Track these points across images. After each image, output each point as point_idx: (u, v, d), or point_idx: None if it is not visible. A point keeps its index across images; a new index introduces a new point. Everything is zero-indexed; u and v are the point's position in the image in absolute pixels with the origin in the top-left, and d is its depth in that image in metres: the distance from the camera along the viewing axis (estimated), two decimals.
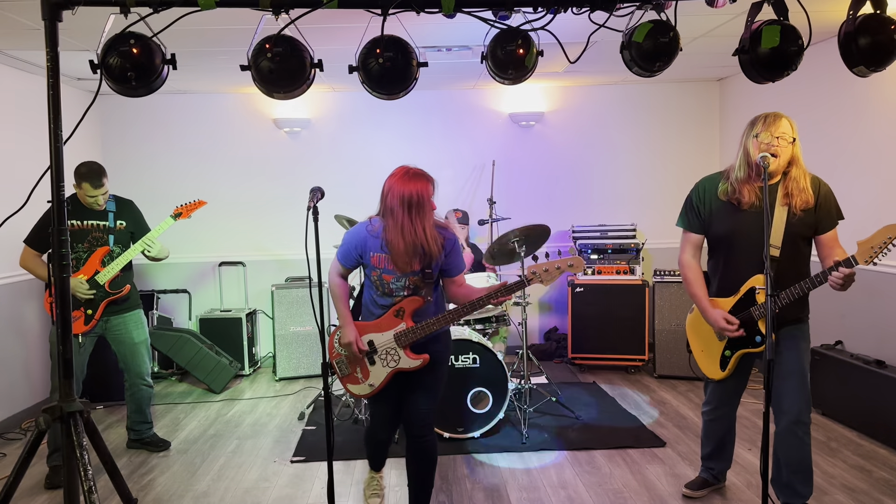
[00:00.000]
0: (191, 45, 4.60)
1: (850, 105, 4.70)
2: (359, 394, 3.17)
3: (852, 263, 2.79)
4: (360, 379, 3.11)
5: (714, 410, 3.42)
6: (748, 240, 3.04)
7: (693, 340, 3.38)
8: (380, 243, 2.97)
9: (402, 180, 2.93)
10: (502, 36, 2.61)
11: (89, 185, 3.92)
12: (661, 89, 6.65)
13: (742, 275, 3.10)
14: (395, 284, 3.00)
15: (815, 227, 3.03)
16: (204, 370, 5.70)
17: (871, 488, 3.58)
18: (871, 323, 4.53)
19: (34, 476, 3.88)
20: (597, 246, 6.05)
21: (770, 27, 2.53)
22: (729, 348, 3.20)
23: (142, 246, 4.05)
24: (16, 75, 5.13)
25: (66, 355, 2.15)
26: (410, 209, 2.88)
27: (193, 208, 4.32)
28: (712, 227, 3.19)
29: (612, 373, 5.96)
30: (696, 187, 3.26)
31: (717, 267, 3.25)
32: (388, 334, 3.04)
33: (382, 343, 3.05)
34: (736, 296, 3.12)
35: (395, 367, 3.05)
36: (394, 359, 3.05)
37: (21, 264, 3.97)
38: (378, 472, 3.60)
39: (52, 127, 2.11)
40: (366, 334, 3.07)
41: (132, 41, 2.38)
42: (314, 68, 2.58)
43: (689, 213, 3.26)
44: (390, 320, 3.04)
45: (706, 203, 3.18)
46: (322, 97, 6.52)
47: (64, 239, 2.15)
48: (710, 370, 3.29)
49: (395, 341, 3.03)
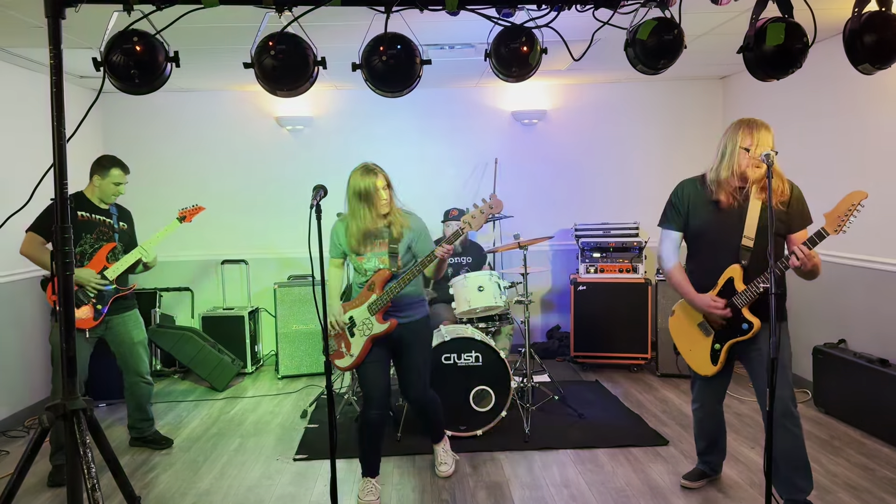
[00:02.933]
0: (194, 43, 4.60)
1: (854, 102, 4.69)
2: (344, 366, 3.53)
3: (823, 235, 2.86)
4: (344, 352, 3.52)
5: (703, 408, 3.51)
6: (723, 234, 3.19)
7: (679, 341, 3.47)
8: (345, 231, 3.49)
9: (356, 176, 3.45)
10: (506, 33, 2.60)
11: (120, 171, 4.12)
12: (663, 87, 6.64)
13: (719, 267, 3.20)
14: (368, 265, 3.47)
15: (788, 226, 3.13)
16: (206, 368, 5.71)
17: (874, 487, 3.57)
18: (875, 321, 4.52)
19: (37, 474, 3.88)
20: (599, 244, 6.04)
21: (775, 25, 2.53)
22: (718, 342, 3.28)
23: (139, 252, 4.12)
24: (18, 73, 5.13)
25: (70, 353, 2.14)
26: (361, 199, 3.38)
27: (195, 213, 4.40)
28: (690, 225, 3.30)
29: (615, 371, 5.95)
30: (675, 188, 3.40)
31: (695, 264, 3.36)
32: (363, 307, 3.47)
33: (359, 316, 3.48)
34: (715, 288, 3.21)
35: (370, 333, 3.45)
36: (368, 327, 3.46)
37: (23, 251, 3.93)
38: (373, 478, 3.58)
39: (56, 125, 2.10)
40: (347, 312, 3.52)
41: (135, 38, 2.38)
42: (317, 66, 2.57)
43: (668, 212, 3.38)
44: (364, 295, 3.48)
45: (684, 202, 3.31)
46: (324, 95, 6.51)
47: (67, 237, 2.15)
48: (701, 367, 3.36)
49: (367, 311, 3.45)
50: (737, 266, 3.14)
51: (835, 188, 4.78)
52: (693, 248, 3.38)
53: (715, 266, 3.22)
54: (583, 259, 6.04)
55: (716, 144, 3.23)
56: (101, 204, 4.10)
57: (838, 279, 4.77)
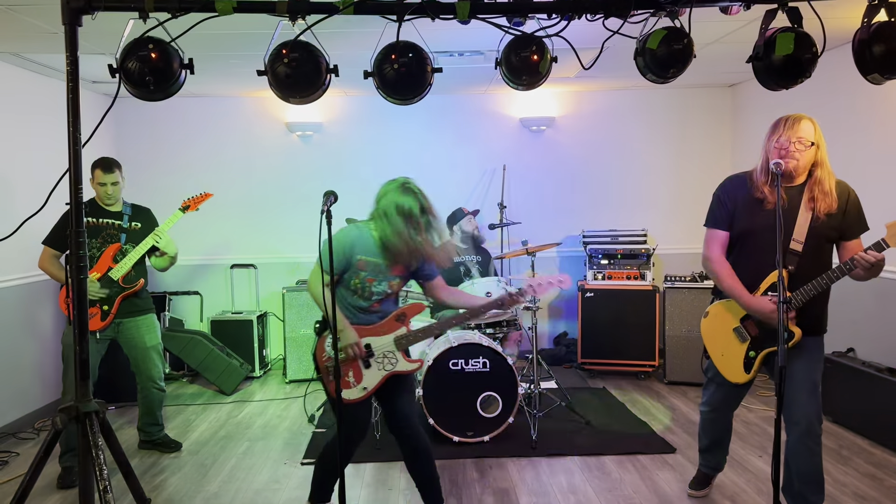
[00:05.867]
0: (207, 50, 4.64)
1: (862, 112, 4.69)
2: (349, 398, 3.07)
3: (883, 247, 2.78)
4: (353, 383, 3.09)
5: (713, 412, 3.42)
6: (770, 237, 2.97)
7: (711, 345, 3.30)
8: (372, 246, 3.03)
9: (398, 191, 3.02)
10: (517, 42, 2.62)
11: (100, 171, 4.04)
12: (672, 95, 6.64)
13: (762, 272, 3.06)
14: (377, 288, 3.06)
15: (841, 233, 3.02)
16: (215, 372, 5.74)
17: (883, 497, 3.56)
18: (884, 330, 4.50)
19: (47, 476, 3.90)
20: (607, 251, 6.04)
21: (784, 34, 2.54)
22: (753, 349, 3.14)
23: (152, 239, 4.08)
24: (33, 79, 5.19)
25: (83, 356, 2.17)
26: (406, 218, 2.96)
27: (201, 200, 4.35)
28: (735, 224, 3.15)
29: (622, 378, 5.95)
30: (723, 184, 3.25)
31: (737, 264, 3.19)
32: (388, 338, 3.10)
33: (380, 346, 3.09)
34: (757, 292, 3.09)
35: (392, 370, 3.10)
36: (391, 362, 3.10)
37: (40, 265, 4.03)
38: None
39: (72, 130, 2.14)
40: (363, 338, 3.07)
41: (151, 46, 2.41)
42: (330, 73, 2.59)
43: (716, 210, 3.22)
44: (391, 324, 3.11)
45: (732, 199, 3.16)
46: (334, 101, 6.55)
47: (82, 241, 2.18)
48: (733, 374, 3.21)
49: (394, 344, 3.09)
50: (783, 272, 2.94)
51: None
52: (736, 249, 3.18)
53: (758, 269, 3.07)
54: (590, 266, 6.04)
55: (727, 151, 3.20)
56: (109, 207, 4.13)
57: (847, 288, 4.71)
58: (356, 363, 3.08)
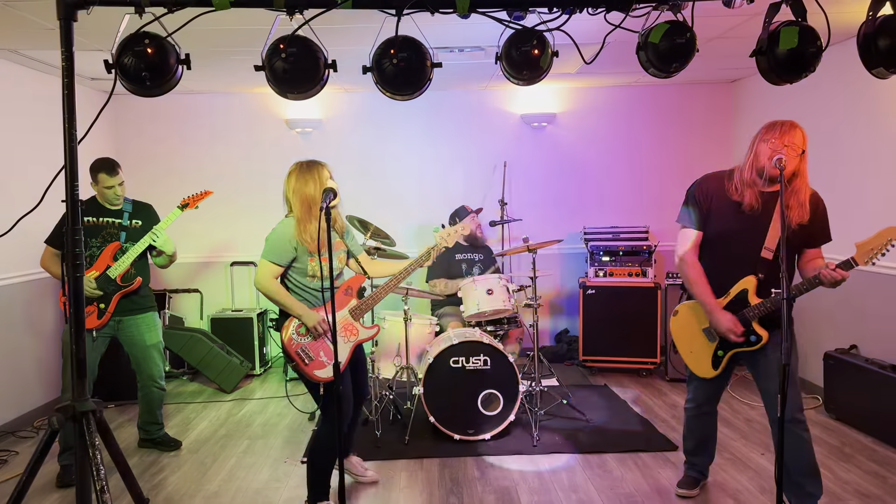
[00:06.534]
0: (204, 45, 4.61)
1: (867, 106, 4.66)
2: (327, 376, 3.19)
3: (851, 265, 2.84)
4: (326, 361, 3.21)
5: (699, 407, 3.46)
6: (743, 241, 3.08)
7: (679, 342, 3.40)
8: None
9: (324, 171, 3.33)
10: (517, 36, 2.59)
11: (105, 175, 4.00)
12: (673, 91, 6.61)
13: (733, 275, 3.12)
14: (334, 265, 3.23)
15: (807, 241, 3.07)
16: (215, 370, 5.72)
17: (886, 494, 3.54)
18: (887, 327, 4.48)
19: (45, 475, 3.89)
20: (609, 248, 6.02)
21: (788, 28, 2.50)
22: (721, 348, 3.22)
23: (150, 237, 4.06)
24: (30, 75, 5.16)
25: (80, 355, 2.15)
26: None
27: (200, 198, 4.33)
28: (709, 226, 3.18)
29: (624, 375, 5.93)
30: (698, 183, 3.25)
31: (708, 266, 3.21)
32: (343, 312, 3.31)
33: (339, 320, 3.26)
34: (727, 297, 3.14)
35: (356, 339, 3.33)
36: (353, 333, 3.32)
37: (41, 264, 4.02)
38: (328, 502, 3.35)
39: (67, 127, 2.11)
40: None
41: (147, 41, 2.37)
42: (328, 69, 2.56)
43: (691, 209, 3.23)
44: (341, 299, 3.30)
45: (707, 200, 3.18)
46: (334, 97, 6.52)
47: (78, 238, 2.16)
48: (701, 370, 3.31)
49: (350, 316, 3.32)
50: (752, 278, 3.05)
51: (846, 192, 4.77)
52: (709, 251, 3.21)
53: (728, 273, 3.12)
54: (592, 263, 6.02)
55: (729, 147, 3.19)
56: (109, 206, 4.10)
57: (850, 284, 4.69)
58: (324, 343, 3.22)
